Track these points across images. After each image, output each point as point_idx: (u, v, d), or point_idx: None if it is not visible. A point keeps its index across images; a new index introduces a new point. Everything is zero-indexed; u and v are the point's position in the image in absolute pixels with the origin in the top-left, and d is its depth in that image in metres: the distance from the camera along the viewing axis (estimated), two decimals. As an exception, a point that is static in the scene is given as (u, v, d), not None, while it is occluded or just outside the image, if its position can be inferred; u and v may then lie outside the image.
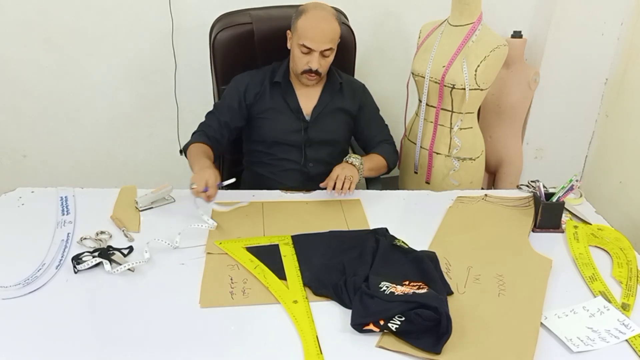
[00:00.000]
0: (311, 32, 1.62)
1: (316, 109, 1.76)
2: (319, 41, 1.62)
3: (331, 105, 1.78)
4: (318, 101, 1.77)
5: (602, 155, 2.43)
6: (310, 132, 1.76)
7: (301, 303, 1.19)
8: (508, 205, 1.61)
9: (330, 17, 1.64)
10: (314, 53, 1.64)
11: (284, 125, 1.75)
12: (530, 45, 2.31)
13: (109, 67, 2.29)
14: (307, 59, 1.66)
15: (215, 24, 1.89)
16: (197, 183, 1.47)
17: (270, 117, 1.75)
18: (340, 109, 1.80)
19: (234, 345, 1.08)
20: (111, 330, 1.11)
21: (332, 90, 1.78)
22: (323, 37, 1.62)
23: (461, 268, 1.32)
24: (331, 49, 1.66)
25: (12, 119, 2.36)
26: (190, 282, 1.25)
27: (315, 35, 1.62)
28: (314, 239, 1.42)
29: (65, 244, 1.37)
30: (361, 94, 1.85)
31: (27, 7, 2.14)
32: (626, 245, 1.44)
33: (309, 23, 1.62)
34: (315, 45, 1.62)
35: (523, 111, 2.35)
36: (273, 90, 1.75)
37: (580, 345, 1.09)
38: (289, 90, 1.76)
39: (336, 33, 1.66)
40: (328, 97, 1.77)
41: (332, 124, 1.79)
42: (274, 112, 1.75)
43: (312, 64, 1.65)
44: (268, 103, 1.75)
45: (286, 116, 1.75)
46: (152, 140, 2.47)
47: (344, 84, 1.80)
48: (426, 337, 1.08)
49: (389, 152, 1.83)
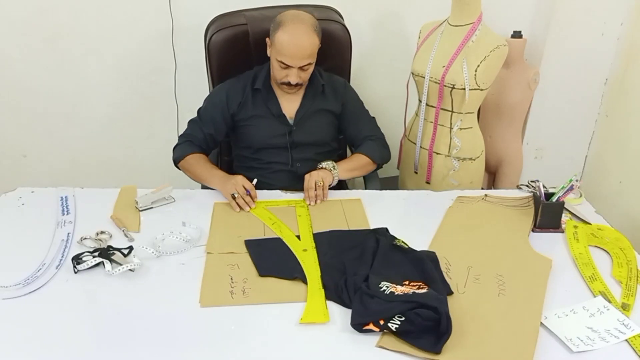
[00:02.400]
0: (289, 49, 1.58)
1: (299, 113, 1.75)
2: (297, 58, 1.59)
3: (314, 107, 1.76)
4: (300, 105, 1.75)
5: (602, 155, 2.42)
6: (295, 135, 1.75)
7: (310, 251, 1.36)
8: (508, 205, 1.61)
9: (308, 32, 1.59)
10: (292, 68, 1.61)
11: (268, 131, 1.74)
12: (530, 45, 2.31)
13: (109, 66, 2.29)
14: (286, 72, 1.63)
15: (210, 25, 1.89)
16: (237, 191, 1.52)
17: (254, 124, 1.74)
18: (324, 110, 1.78)
19: (234, 345, 1.08)
20: (111, 330, 1.11)
21: (314, 93, 1.76)
22: (301, 55, 1.59)
23: (461, 268, 1.32)
24: (310, 63, 1.63)
25: (12, 119, 2.36)
26: (190, 281, 1.25)
27: (292, 52, 1.58)
28: (315, 238, 1.42)
29: (65, 244, 1.37)
30: (342, 90, 1.82)
31: (27, 7, 2.14)
32: (626, 245, 1.44)
33: (286, 39, 1.57)
34: (293, 62, 1.59)
35: (523, 111, 2.35)
36: (255, 97, 1.73)
37: (580, 345, 1.09)
38: (271, 96, 1.74)
39: (315, 46, 1.62)
40: (310, 100, 1.75)
41: (316, 125, 1.78)
42: (257, 118, 1.73)
43: (291, 78, 1.63)
44: (251, 110, 1.73)
45: (270, 122, 1.74)
46: (152, 140, 2.47)
47: (326, 85, 1.77)
48: (426, 337, 1.08)
49: (373, 149, 1.79)
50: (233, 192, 1.53)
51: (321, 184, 1.59)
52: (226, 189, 1.56)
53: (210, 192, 1.66)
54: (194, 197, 1.62)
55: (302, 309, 1.17)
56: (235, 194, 1.53)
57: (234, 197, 1.53)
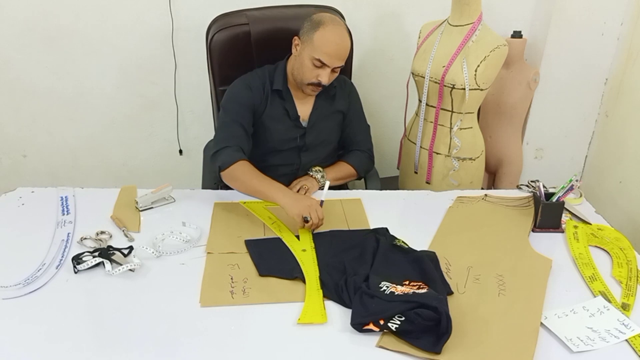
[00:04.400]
0: (330, 48, 1.56)
1: (313, 115, 1.74)
2: (336, 58, 1.58)
3: (326, 110, 1.77)
4: (314, 107, 1.74)
5: (602, 155, 2.42)
6: (307, 137, 1.75)
7: (309, 252, 1.36)
8: (508, 205, 1.61)
9: (346, 35, 1.61)
10: (327, 68, 1.59)
11: (281, 135, 1.72)
12: (530, 45, 2.31)
13: (109, 67, 2.29)
14: (318, 72, 1.60)
15: (212, 25, 1.89)
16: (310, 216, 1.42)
17: (268, 125, 1.71)
18: (335, 112, 1.79)
19: (234, 345, 1.08)
20: (111, 330, 1.11)
21: (327, 95, 1.75)
22: (340, 55, 1.59)
23: (461, 268, 1.32)
24: (341, 66, 1.63)
25: (12, 119, 2.36)
26: (190, 281, 1.25)
27: (333, 52, 1.57)
28: (314, 238, 1.42)
29: (65, 244, 1.37)
30: (349, 89, 1.83)
31: (27, 7, 2.14)
32: (626, 245, 1.44)
33: (329, 38, 1.56)
34: (331, 62, 1.58)
35: (523, 111, 2.35)
36: (273, 97, 1.71)
37: (580, 345, 1.09)
38: (289, 98, 1.72)
39: (349, 50, 1.64)
40: (323, 102, 1.75)
41: (327, 126, 1.79)
42: (272, 120, 1.71)
43: (323, 78, 1.60)
44: (268, 110, 1.71)
45: (284, 125, 1.72)
46: (152, 140, 2.47)
47: (337, 87, 1.77)
48: (426, 337, 1.08)
49: (361, 161, 1.84)
50: (307, 215, 1.42)
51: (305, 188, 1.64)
52: (299, 209, 1.43)
53: (211, 192, 1.66)
54: (194, 197, 1.62)
55: (301, 309, 1.17)
56: (308, 219, 1.42)
57: (306, 220, 1.42)
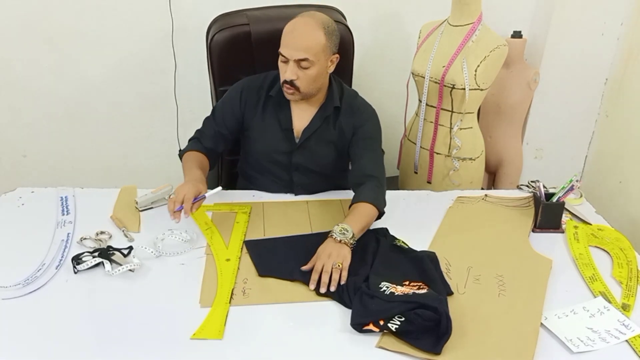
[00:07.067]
0: (285, 38, 1.47)
1: (305, 132, 1.60)
2: (291, 48, 1.46)
3: (321, 132, 1.61)
4: (309, 123, 1.60)
5: (602, 155, 2.42)
6: (297, 156, 1.62)
7: (233, 261, 1.33)
8: (508, 205, 1.61)
9: (312, 25, 1.46)
10: (289, 62, 1.47)
11: (268, 142, 1.63)
12: (530, 45, 2.31)
13: (109, 67, 2.29)
14: (285, 68, 1.49)
15: (212, 25, 1.89)
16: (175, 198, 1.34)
17: (256, 131, 1.63)
18: (331, 142, 1.62)
19: (234, 345, 1.08)
20: (111, 330, 1.11)
21: (326, 113, 1.59)
22: (296, 44, 1.45)
23: (461, 268, 1.32)
24: (307, 60, 1.46)
25: (12, 119, 2.36)
26: (190, 282, 1.25)
27: (288, 41, 1.46)
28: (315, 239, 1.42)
29: (65, 244, 1.37)
30: (361, 117, 1.61)
31: (28, 7, 2.14)
32: (626, 245, 1.44)
33: (285, 29, 1.48)
34: (288, 53, 1.46)
35: (523, 111, 2.35)
36: (267, 103, 1.62)
37: (580, 346, 1.09)
38: (284, 105, 1.61)
39: (316, 44, 1.46)
40: (319, 120, 1.59)
41: (321, 152, 1.63)
42: (260, 126, 1.62)
43: (286, 73, 1.48)
44: (259, 116, 1.62)
45: (272, 133, 1.62)
46: (152, 140, 2.47)
47: (343, 107, 1.60)
48: (426, 337, 1.08)
49: (378, 197, 1.49)
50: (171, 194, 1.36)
51: (339, 266, 1.26)
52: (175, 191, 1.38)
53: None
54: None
55: (302, 309, 1.18)
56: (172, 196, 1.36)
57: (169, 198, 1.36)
